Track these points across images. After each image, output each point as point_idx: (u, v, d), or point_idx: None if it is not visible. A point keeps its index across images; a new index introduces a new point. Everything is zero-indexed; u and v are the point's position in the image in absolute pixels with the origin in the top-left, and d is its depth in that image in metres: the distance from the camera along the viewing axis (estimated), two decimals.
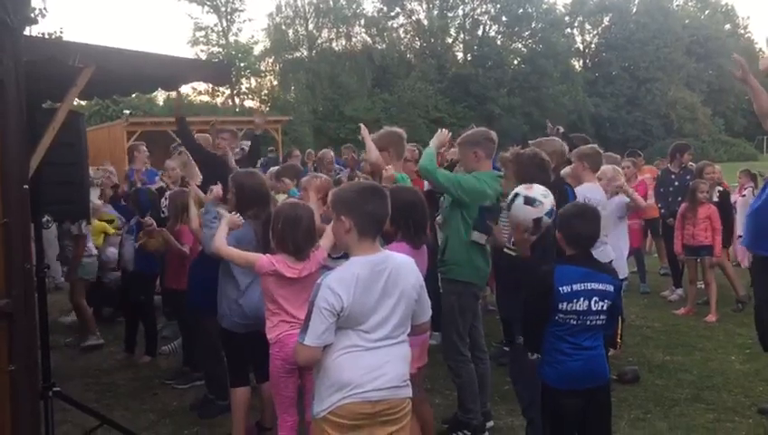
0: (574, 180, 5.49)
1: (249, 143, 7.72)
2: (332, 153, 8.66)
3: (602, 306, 3.34)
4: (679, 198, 8.23)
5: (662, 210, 8.82)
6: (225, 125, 8.50)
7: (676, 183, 8.55)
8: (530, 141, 5.32)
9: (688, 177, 8.51)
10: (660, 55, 53.40)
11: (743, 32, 63.90)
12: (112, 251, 7.51)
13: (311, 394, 2.89)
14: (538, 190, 3.81)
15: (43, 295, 4.19)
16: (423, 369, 3.95)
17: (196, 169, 6.57)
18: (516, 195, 3.84)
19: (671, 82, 53.35)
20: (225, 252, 3.99)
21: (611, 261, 5.26)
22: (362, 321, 2.72)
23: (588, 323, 3.34)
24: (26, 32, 3.27)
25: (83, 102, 25.03)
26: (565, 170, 5.65)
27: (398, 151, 4.91)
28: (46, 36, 15.91)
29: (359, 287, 2.70)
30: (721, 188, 8.39)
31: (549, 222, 3.78)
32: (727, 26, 62.21)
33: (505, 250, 4.19)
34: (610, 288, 3.37)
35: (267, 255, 3.78)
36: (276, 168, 7.13)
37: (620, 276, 4.05)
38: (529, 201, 3.78)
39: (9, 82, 3.03)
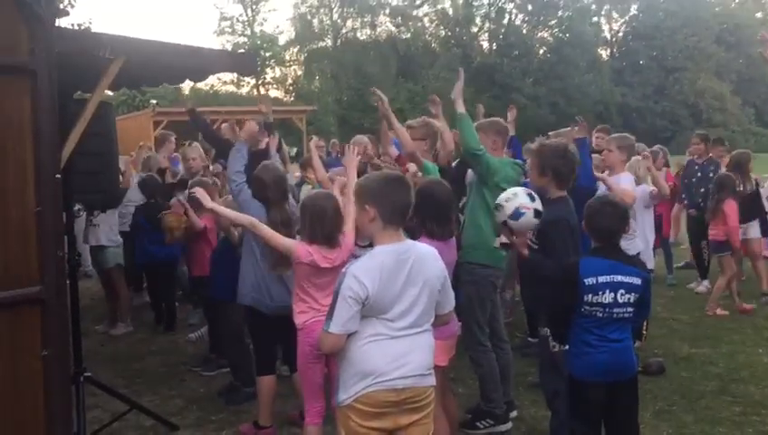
0: (607, 168, 5.50)
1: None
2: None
3: (629, 299, 3.32)
4: (702, 189, 8.16)
5: (685, 201, 8.75)
6: (249, 115, 8.52)
7: (699, 174, 8.47)
8: (550, 133, 5.31)
9: (712, 167, 8.43)
10: (689, 44, 52.64)
11: None
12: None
13: (336, 380, 2.92)
14: (505, 194, 3.78)
15: (74, 283, 4.27)
16: (451, 359, 3.98)
17: None
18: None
19: (700, 71, 52.58)
20: (265, 233, 3.95)
21: (639, 253, 5.24)
22: (387, 309, 2.75)
23: (614, 315, 3.33)
24: (57, 23, 3.32)
25: (111, 93, 25.31)
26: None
27: (432, 144, 5.06)
28: (76, 27, 16.09)
29: (383, 276, 2.72)
30: None
31: (521, 225, 3.71)
32: (759, 14, 60.98)
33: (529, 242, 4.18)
34: (638, 281, 3.35)
35: (303, 243, 3.82)
36: (302, 159, 7.19)
37: (647, 267, 4.03)
38: (496, 206, 3.80)
39: (42, 73, 3.09)
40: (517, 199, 3.72)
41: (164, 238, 6.33)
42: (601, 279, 3.30)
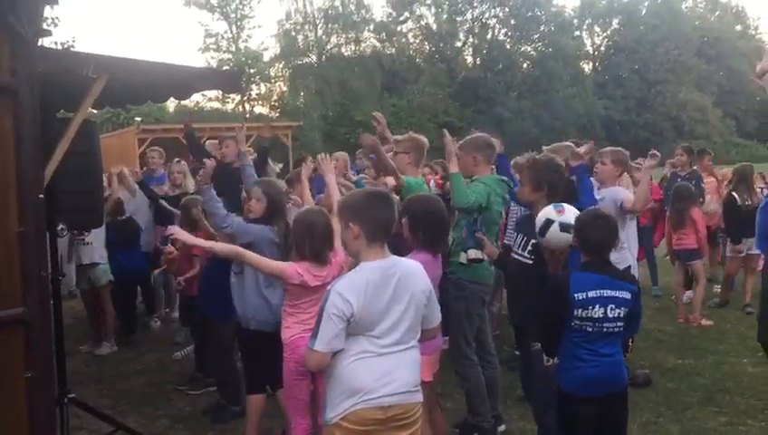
0: (599, 182, 5.54)
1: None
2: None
3: (619, 314, 3.33)
4: None
5: (668, 212, 8.79)
6: (234, 132, 8.54)
7: None
8: (544, 147, 5.33)
9: (694, 181, 8.50)
10: (670, 57, 53.21)
11: (753, 33, 63.48)
12: None
13: (323, 398, 2.91)
14: (570, 214, 3.69)
15: (58, 303, 4.24)
16: (436, 374, 3.98)
17: None
18: (551, 221, 3.72)
19: (681, 83, 53.16)
20: (252, 260, 3.89)
21: (629, 266, 5.26)
22: (373, 326, 2.74)
23: (604, 330, 3.34)
24: (40, 42, 3.31)
25: (95, 111, 25.20)
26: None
27: (416, 158, 5.01)
28: (59, 46, 16.05)
29: (369, 293, 2.72)
30: None
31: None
32: (738, 27, 61.87)
33: (513, 256, 4.21)
34: (627, 296, 3.36)
35: (293, 263, 3.80)
36: (288, 176, 7.19)
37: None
38: (565, 228, 3.66)
39: (24, 92, 3.07)
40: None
41: (131, 252, 7.37)
42: (591, 294, 3.31)
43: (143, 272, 7.74)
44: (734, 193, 8.02)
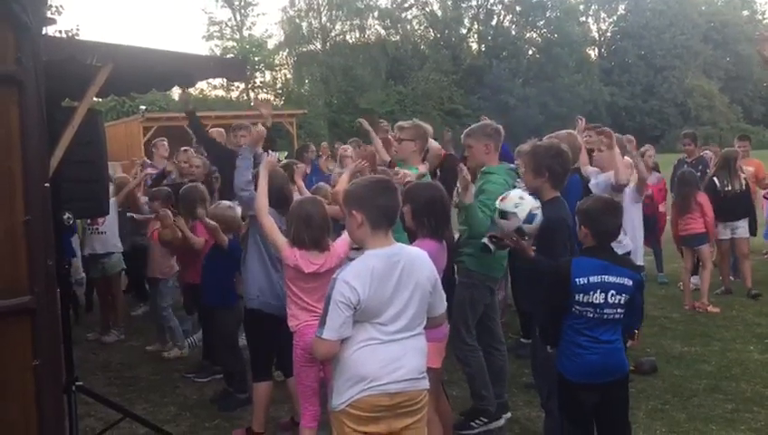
0: (599, 168, 5.52)
1: None
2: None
3: (619, 300, 3.33)
4: None
5: (673, 198, 8.79)
6: (239, 120, 8.54)
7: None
8: (545, 137, 5.31)
9: (701, 166, 8.49)
10: (677, 43, 52.91)
11: (761, 18, 63.01)
12: None
13: (329, 385, 2.93)
14: (511, 201, 3.82)
15: (64, 291, 4.25)
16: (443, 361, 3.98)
17: None
18: (495, 209, 3.91)
19: (688, 69, 52.87)
20: (264, 217, 3.96)
21: (629, 252, 5.26)
22: (379, 313, 2.75)
23: (605, 316, 3.34)
24: (44, 31, 3.30)
25: (99, 99, 25.18)
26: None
27: (421, 146, 5.00)
28: (63, 34, 16.01)
29: (374, 280, 2.72)
30: None
31: (534, 227, 3.79)
32: (745, 12, 61.41)
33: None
34: (629, 282, 3.35)
35: (294, 247, 3.81)
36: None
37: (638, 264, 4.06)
38: (503, 215, 3.83)
39: (29, 82, 3.07)
40: (526, 203, 3.79)
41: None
42: (592, 279, 3.31)
43: None
44: (714, 178, 8.02)
